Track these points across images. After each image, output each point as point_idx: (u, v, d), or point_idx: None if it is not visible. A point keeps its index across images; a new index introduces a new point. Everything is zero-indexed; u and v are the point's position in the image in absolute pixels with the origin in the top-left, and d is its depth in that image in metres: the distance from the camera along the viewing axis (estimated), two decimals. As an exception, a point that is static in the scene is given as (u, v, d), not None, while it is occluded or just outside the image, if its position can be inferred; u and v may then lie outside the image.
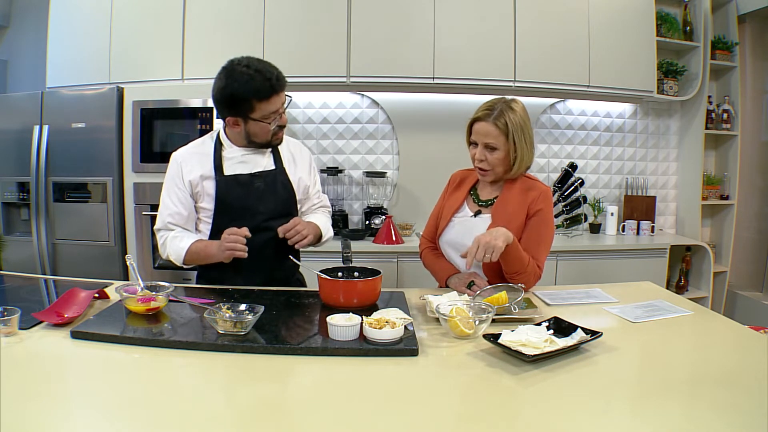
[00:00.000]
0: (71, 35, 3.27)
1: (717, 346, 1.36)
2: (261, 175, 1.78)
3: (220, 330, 1.27)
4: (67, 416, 0.94)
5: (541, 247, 1.74)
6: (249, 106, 1.62)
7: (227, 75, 1.61)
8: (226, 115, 1.68)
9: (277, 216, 1.78)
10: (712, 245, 3.68)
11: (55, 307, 1.38)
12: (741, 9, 3.63)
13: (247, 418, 0.95)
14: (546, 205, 1.74)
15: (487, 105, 1.73)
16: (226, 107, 1.65)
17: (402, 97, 3.50)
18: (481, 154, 1.73)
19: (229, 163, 1.76)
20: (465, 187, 1.89)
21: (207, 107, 2.94)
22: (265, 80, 1.59)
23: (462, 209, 1.86)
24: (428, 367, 1.17)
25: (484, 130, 1.71)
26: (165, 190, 1.78)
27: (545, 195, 1.75)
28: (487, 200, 1.82)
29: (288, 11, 3.17)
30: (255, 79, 1.58)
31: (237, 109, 1.63)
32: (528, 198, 1.74)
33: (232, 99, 1.62)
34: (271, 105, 1.63)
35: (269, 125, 1.67)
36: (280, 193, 1.80)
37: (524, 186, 1.77)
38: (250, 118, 1.65)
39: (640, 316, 1.51)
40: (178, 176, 1.76)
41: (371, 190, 3.53)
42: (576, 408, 1.01)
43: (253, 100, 1.60)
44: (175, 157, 1.79)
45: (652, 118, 3.83)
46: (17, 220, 3.21)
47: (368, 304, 1.51)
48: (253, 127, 1.67)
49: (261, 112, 1.63)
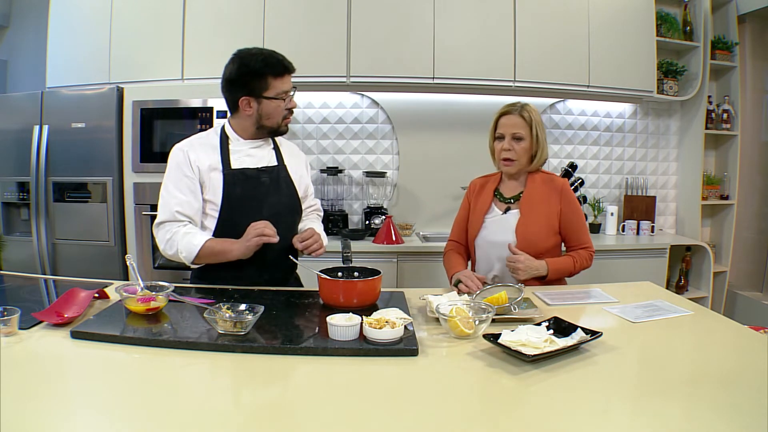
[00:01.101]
0: (71, 35, 3.27)
1: (717, 346, 1.36)
2: (266, 170, 1.79)
3: (220, 330, 1.27)
4: (67, 416, 0.94)
5: (583, 230, 1.96)
6: (264, 84, 1.67)
7: (241, 57, 1.69)
8: (240, 95, 1.69)
9: (282, 211, 1.78)
10: (712, 245, 3.68)
11: (55, 307, 1.38)
12: (741, 9, 3.63)
13: (246, 418, 0.95)
14: (571, 195, 1.94)
15: (510, 103, 1.94)
16: (240, 86, 1.69)
17: (402, 97, 3.50)
18: (509, 144, 1.90)
19: (236, 156, 1.76)
20: (488, 190, 2.02)
21: (207, 107, 2.94)
22: (276, 59, 1.68)
23: (491, 210, 1.99)
24: (428, 367, 1.17)
25: (512, 121, 1.90)
26: (170, 181, 1.71)
27: (566, 186, 1.95)
28: (512, 197, 1.96)
29: (288, 11, 3.17)
30: (268, 57, 1.67)
31: (252, 87, 1.68)
32: (553, 189, 1.92)
33: (249, 75, 1.67)
34: (284, 83, 1.70)
35: (283, 103, 1.71)
36: (284, 188, 1.81)
37: (544, 179, 1.96)
38: (264, 97, 1.68)
39: (640, 316, 1.51)
40: (185, 164, 1.71)
41: (371, 190, 3.53)
42: (576, 408, 1.01)
43: (268, 77, 1.67)
44: (179, 147, 1.75)
45: (652, 118, 3.83)
46: (17, 220, 3.21)
47: (368, 304, 1.51)
48: (267, 106, 1.70)
49: (275, 90, 1.69)
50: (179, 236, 1.68)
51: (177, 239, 1.68)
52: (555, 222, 1.90)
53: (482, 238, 1.96)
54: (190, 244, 1.66)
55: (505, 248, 1.84)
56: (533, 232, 1.87)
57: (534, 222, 1.88)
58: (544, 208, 1.90)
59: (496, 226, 1.94)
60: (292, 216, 1.85)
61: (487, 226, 1.96)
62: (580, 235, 1.94)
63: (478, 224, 1.97)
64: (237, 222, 1.70)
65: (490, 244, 1.94)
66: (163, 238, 1.71)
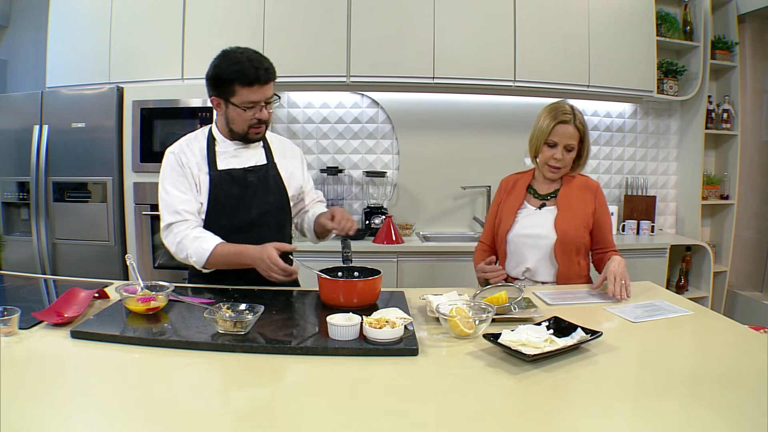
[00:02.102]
0: (71, 35, 3.27)
1: (717, 346, 1.35)
2: (253, 169, 1.78)
3: (220, 330, 1.27)
4: (67, 416, 0.94)
5: (611, 233, 1.99)
6: (231, 89, 1.64)
7: (222, 55, 1.66)
8: (210, 93, 1.70)
9: (270, 210, 1.78)
10: (712, 245, 3.68)
11: (55, 307, 1.38)
12: (741, 9, 3.62)
13: (246, 418, 0.95)
14: (603, 198, 1.98)
15: (564, 109, 1.90)
16: (212, 85, 1.68)
17: (402, 97, 3.50)
18: (561, 153, 1.89)
19: (223, 158, 1.75)
20: (521, 187, 2.03)
21: (207, 107, 2.94)
22: (252, 67, 1.61)
23: (524, 206, 2.00)
24: (428, 367, 1.17)
25: (569, 132, 1.88)
26: (168, 182, 1.71)
27: (599, 188, 1.99)
28: (547, 194, 1.98)
29: (288, 11, 3.17)
30: (243, 64, 1.61)
31: (220, 89, 1.66)
32: (588, 189, 1.96)
33: (218, 78, 1.65)
34: (252, 93, 1.64)
35: (245, 113, 1.66)
36: (272, 187, 1.80)
37: (580, 181, 1.98)
38: (230, 102, 1.66)
39: (640, 316, 1.51)
40: (178, 164, 1.71)
41: (371, 190, 3.53)
42: (576, 408, 1.01)
43: (235, 84, 1.62)
44: (171, 150, 1.75)
45: (652, 118, 3.83)
46: (17, 220, 3.21)
47: (368, 303, 1.51)
48: (232, 112, 1.68)
49: (241, 98, 1.64)
50: (189, 240, 1.65)
51: (187, 243, 1.65)
52: (590, 221, 1.94)
53: (515, 233, 1.96)
54: (200, 248, 1.63)
55: (540, 241, 1.90)
56: (572, 227, 1.90)
57: (573, 217, 1.91)
58: (580, 206, 1.93)
59: (530, 221, 1.96)
60: (281, 215, 1.83)
61: (519, 221, 1.97)
62: (609, 237, 1.97)
63: (510, 220, 1.98)
64: (224, 224, 1.70)
65: (524, 237, 1.95)
66: (173, 242, 1.68)
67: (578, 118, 1.89)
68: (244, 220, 1.71)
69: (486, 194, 3.58)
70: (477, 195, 3.63)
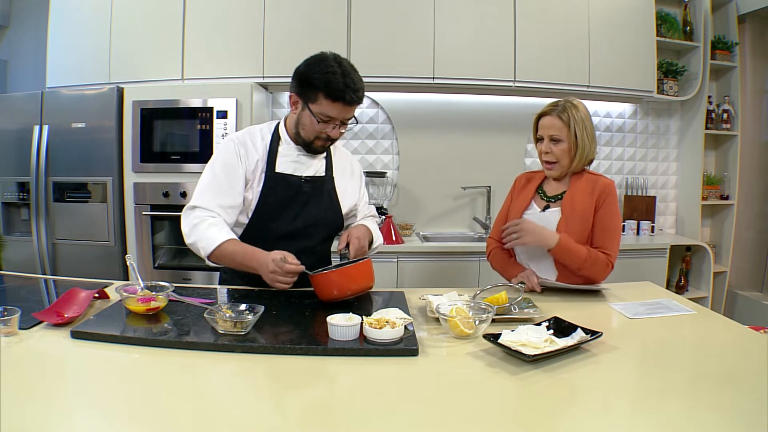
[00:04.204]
0: (71, 35, 3.27)
1: (717, 346, 1.35)
2: (310, 180, 1.74)
3: (220, 330, 1.27)
4: (67, 416, 0.93)
5: (607, 236, 1.84)
6: (314, 96, 1.59)
7: (319, 58, 1.61)
8: (294, 89, 1.65)
9: (316, 223, 1.74)
10: (712, 245, 3.68)
11: (55, 307, 1.38)
12: (741, 9, 3.63)
13: (246, 418, 0.95)
14: (611, 197, 1.85)
15: (552, 103, 1.88)
16: (297, 83, 1.63)
17: (402, 97, 3.51)
18: (547, 146, 1.86)
19: (282, 160, 1.71)
20: (532, 187, 1.99)
21: (207, 107, 2.94)
22: (343, 84, 1.56)
23: (530, 207, 1.96)
24: (428, 367, 1.17)
25: (549, 122, 1.85)
26: (216, 169, 1.65)
27: (610, 188, 1.86)
28: (554, 195, 1.93)
29: (288, 11, 3.17)
30: (336, 76, 1.56)
31: (303, 90, 1.61)
32: (594, 191, 1.86)
33: (305, 79, 1.60)
34: (333, 109, 1.59)
35: (318, 125, 1.62)
36: (324, 201, 1.76)
37: (589, 180, 1.89)
38: (308, 107, 1.61)
39: (639, 313, 1.52)
40: (235, 155, 1.65)
41: (371, 190, 3.53)
42: (576, 408, 1.01)
43: (320, 93, 1.57)
44: (232, 138, 1.70)
45: (652, 118, 3.84)
46: (17, 220, 3.21)
47: (365, 289, 1.52)
48: (306, 117, 1.63)
49: (320, 108, 1.59)
50: (204, 226, 1.59)
51: (202, 228, 1.59)
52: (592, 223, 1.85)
53: None
54: (211, 237, 1.58)
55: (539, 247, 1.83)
56: (575, 232, 1.82)
57: (576, 222, 1.83)
58: (584, 211, 1.83)
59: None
60: (327, 230, 1.78)
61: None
62: (604, 237, 1.83)
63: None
64: (269, 227, 1.67)
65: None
66: (189, 223, 1.62)
67: (564, 109, 1.83)
68: (290, 228, 1.66)
69: (486, 194, 3.58)
70: (477, 195, 3.63)
